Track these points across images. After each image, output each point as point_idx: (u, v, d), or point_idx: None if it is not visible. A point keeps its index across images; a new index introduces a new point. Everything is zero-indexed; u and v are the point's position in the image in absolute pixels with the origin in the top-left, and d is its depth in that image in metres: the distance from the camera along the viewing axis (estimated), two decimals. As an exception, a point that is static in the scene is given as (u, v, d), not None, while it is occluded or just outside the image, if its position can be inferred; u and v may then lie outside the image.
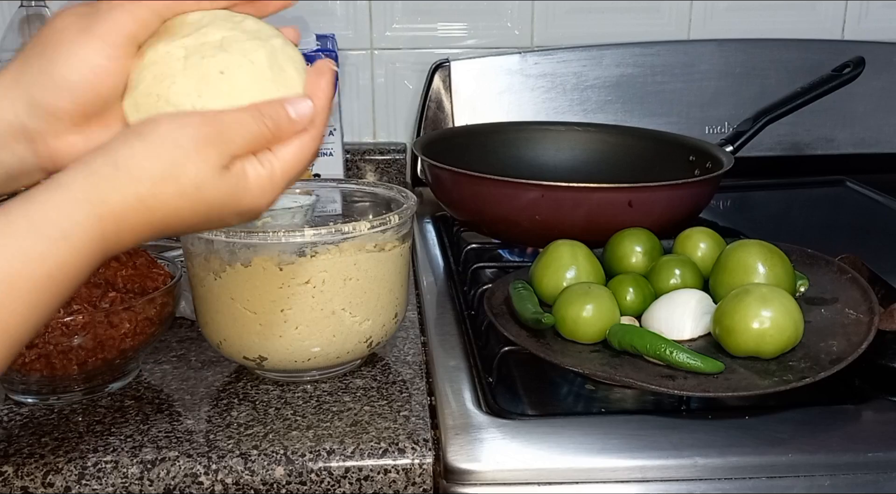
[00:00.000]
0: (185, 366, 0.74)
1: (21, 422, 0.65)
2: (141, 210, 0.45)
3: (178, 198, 0.46)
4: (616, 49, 1.20)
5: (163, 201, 0.46)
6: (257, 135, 0.47)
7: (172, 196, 0.46)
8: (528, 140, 1.13)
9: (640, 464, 0.58)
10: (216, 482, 0.60)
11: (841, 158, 1.24)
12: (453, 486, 0.57)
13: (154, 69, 0.48)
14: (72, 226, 0.43)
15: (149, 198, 0.45)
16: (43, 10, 1.09)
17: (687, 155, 1.04)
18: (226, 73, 0.48)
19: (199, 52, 0.49)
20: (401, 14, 1.23)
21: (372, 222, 0.67)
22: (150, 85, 0.48)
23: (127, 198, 0.45)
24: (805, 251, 0.79)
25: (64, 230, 0.43)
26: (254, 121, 0.47)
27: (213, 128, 0.46)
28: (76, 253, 0.44)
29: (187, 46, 0.49)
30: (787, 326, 0.63)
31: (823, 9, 1.26)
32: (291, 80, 0.51)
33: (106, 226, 0.44)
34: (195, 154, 0.46)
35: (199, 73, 0.48)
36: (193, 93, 0.48)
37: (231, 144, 0.47)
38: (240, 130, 0.47)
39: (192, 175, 0.46)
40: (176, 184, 0.46)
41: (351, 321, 0.68)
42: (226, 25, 0.51)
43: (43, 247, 0.43)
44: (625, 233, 0.80)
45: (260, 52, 0.50)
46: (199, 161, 0.46)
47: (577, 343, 0.69)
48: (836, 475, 0.58)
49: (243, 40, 0.50)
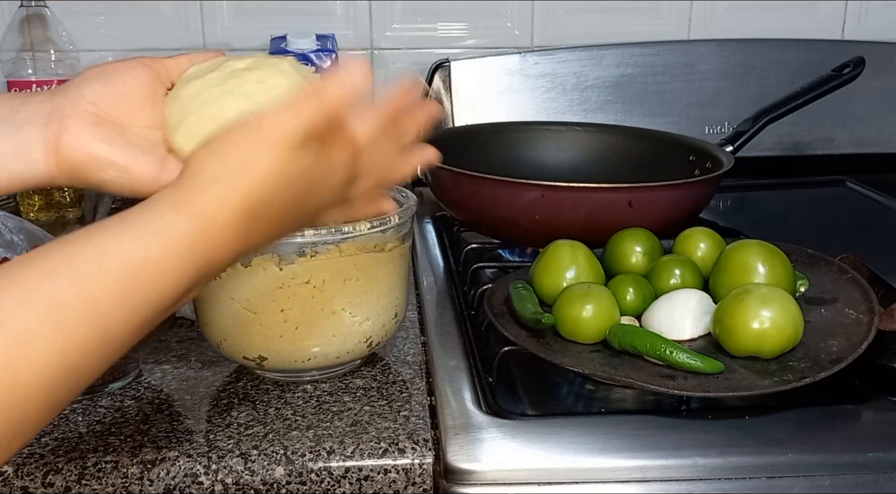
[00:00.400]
0: (185, 366, 0.74)
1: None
2: (227, 206, 0.46)
3: (260, 187, 0.46)
4: (616, 49, 1.20)
5: (247, 193, 0.46)
6: (309, 114, 0.47)
7: (254, 186, 0.46)
8: (528, 140, 1.13)
9: (640, 464, 0.58)
10: (216, 482, 0.60)
11: (841, 158, 1.24)
12: (453, 486, 0.57)
13: (197, 99, 0.52)
14: (164, 225, 0.44)
15: (231, 193, 0.45)
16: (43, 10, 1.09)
17: (687, 155, 1.04)
18: (265, 81, 0.51)
19: (233, 75, 0.52)
20: (401, 14, 1.23)
21: (372, 222, 0.67)
22: (200, 111, 0.51)
23: (212, 198, 0.45)
24: (805, 251, 0.79)
25: (155, 227, 0.44)
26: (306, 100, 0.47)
27: (272, 116, 0.46)
28: (168, 251, 0.44)
29: (218, 76, 0.53)
30: (787, 326, 0.63)
31: (823, 9, 1.26)
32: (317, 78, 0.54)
33: (199, 225, 0.45)
34: (263, 144, 0.46)
35: (241, 88, 0.51)
36: (244, 104, 0.50)
37: (295, 126, 0.46)
38: (298, 111, 0.46)
39: (268, 162, 0.46)
40: (254, 174, 0.46)
41: (351, 321, 0.68)
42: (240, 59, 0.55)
43: (133, 242, 0.43)
44: (625, 233, 0.80)
45: (284, 63, 0.53)
46: (269, 149, 0.46)
47: (577, 343, 0.69)
48: (836, 475, 0.58)
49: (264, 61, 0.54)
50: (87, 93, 0.52)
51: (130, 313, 0.43)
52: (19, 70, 1.09)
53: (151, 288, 0.43)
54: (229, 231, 0.46)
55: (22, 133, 0.51)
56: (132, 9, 1.19)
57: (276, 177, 0.46)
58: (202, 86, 0.52)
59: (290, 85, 0.52)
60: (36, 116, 0.51)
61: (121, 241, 0.43)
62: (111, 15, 1.20)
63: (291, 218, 0.50)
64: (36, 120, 0.51)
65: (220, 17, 1.20)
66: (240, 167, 0.46)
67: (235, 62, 0.54)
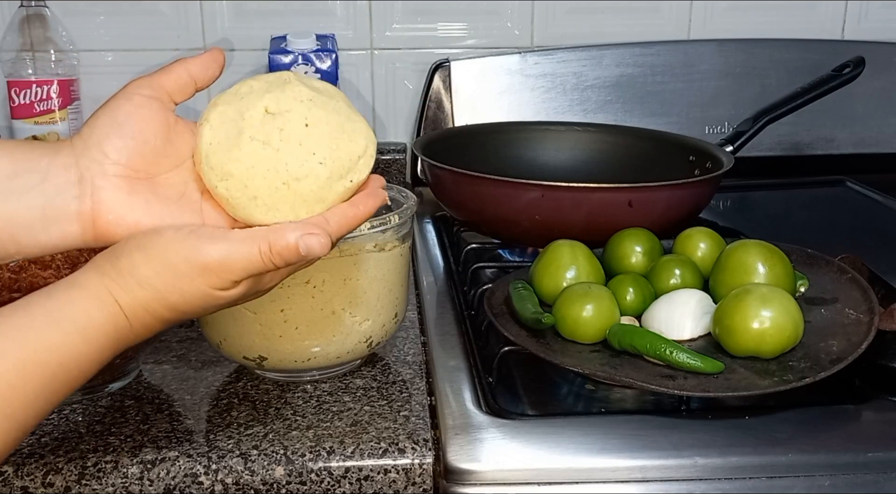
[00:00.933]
0: (185, 366, 0.74)
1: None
2: (149, 310, 0.49)
3: (182, 303, 0.49)
4: (616, 49, 1.20)
5: (169, 305, 0.49)
6: (260, 268, 0.49)
7: (178, 301, 0.49)
8: (528, 140, 1.13)
9: (640, 464, 0.58)
10: (216, 482, 0.60)
11: (841, 158, 1.24)
12: (453, 486, 0.57)
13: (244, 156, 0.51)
14: (87, 321, 0.47)
15: (154, 302, 0.49)
16: (43, 10, 1.09)
17: (687, 155, 1.04)
18: (309, 125, 0.51)
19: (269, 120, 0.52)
20: (401, 14, 1.23)
21: (372, 222, 0.67)
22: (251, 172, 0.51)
23: (135, 300, 0.48)
24: (805, 251, 0.79)
25: (78, 323, 0.46)
26: (261, 258, 0.49)
27: (214, 258, 0.48)
28: (89, 346, 0.47)
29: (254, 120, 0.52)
30: (787, 326, 0.63)
31: (823, 9, 1.26)
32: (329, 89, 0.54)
33: (118, 321, 0.48)
34: (195, 279, 0.49)
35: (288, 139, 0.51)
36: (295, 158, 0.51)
37: (231, 274, 0.49)
38: (244, 264, 0.49)
39: (196, 291, 0.49)
40: (180, 295, 0.49)
41: (351, 321, 0.68)
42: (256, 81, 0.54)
43: (57, 337, 0.46)
44: (625, 233, 0.80)
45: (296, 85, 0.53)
46: (202, 284, 0.49)
47: (577, 343, 0.69)
48: (836, 475, 0.58)
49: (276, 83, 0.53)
50: (111, 152, 0.50)
51: (47, 404, 0.46)
52: (19, 70, 1.09)
53: (70, 380, 0.46)
54: (146, 328, 0.50)
55: (54, 203, 0.49)
56: (132, 9, 1.19)
57: (201, 298, 0.50)
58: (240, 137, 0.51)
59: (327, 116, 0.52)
60: (66, 186, 0.50)
61: (46, 338, 0.45)
62: (111, 15, 1.20)
63: (209, 312, 0.53)
64: (68, 191, 0.50)
65: (220, 17, 1.20)
66: (167, 283, 0.48)
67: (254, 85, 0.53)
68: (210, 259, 0.48)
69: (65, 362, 0.46)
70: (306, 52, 1.07)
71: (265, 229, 0.49)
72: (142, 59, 1.20)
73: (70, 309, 0.47)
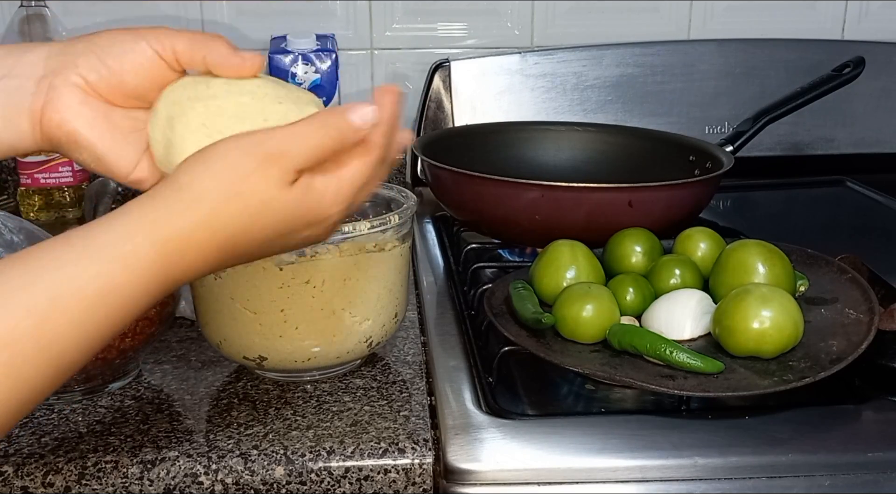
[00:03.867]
0: (185, 366, 0.74)
1: (21, 422, 0.65)
2: (206, 232, 0.44)
3: (243, 217, 0.45)
4: (616, 49, 1.20)
5: (227, 221, 0.45)
6: (321, 146, 0.46)
7: (237, 215, 0.45)
8: (528, 140, 1.13)
9: (640, 464, 0.58)
10: (216, 482, 0.60)
11: (841, 158, 1.24)
12: (453, 486, 0.57)
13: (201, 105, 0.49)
14: (131, 249, 0.42)
15: (213, 220, 0.44)
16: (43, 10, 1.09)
17: (687, 155, 1.04)
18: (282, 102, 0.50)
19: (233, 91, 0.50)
20: (401, 14, 1.22)
21: (372, 222, 0.67)
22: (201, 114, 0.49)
23: (190, 221, 0.44)
24: (805, 251, 0.79)
25: (122, 252, 0.42)
26: (316, 132, 0.46)
27: (274, 144, 0.45)
28: (132, 276, 0.42)
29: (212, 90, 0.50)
30: (787, 326, 0.63)
31: (823, 9, 1.26)
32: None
33: (169, 249, 0.43)
34: (257, 171, 0.45)
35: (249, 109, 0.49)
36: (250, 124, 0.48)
37: (294, 159, 0.45)
38: (302, 144, 0.46)
39: (257, 192, 0.45)
40: (240, 202, 0.45)
41: (351, 321, 0.68)
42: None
43: (97, 267, 0.42)
44: (625, 233, 0.80)
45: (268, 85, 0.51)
46: (262, 178, 0.45)
47: (577, 343, 0.69)
48: (836, 475, 0.58)
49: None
50: (81, 64, 0.49)
51: (88, 339, 0.42)
52: (19, 70, 1.09)
53: (112, 313, 0.42)
54: (201, 257, 0.45)
55: (12, 99, 0.49)
56: (132, 9, 1.19)
57: (262, 203, 0.45)
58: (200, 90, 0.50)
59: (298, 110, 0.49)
60: (26, 82, 0.49)
61: (84, 267, 0.41)
62: (111, 15, 1.19)
63: (268, 247, 0.48)
64: (25, 87, 0.49)
65: (220, 17, 1.20)
66: (228, 189, 0.44)
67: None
68: (270, 145, 0.45)
69: (105, 291, 0.41)
70: (306, 52, 1.07)
71: (318, 113, 0.48)
72: (142, 59, 1.20)
73: (112, 236, 0.42)
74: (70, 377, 0.43)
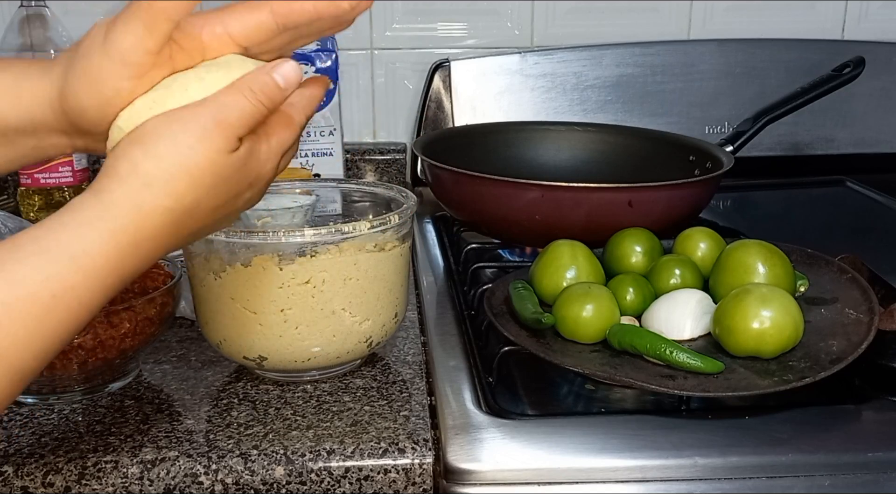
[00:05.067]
0: (185, 366, 0.74)
1: (21, 422, 0.65)
2: (158, 217, 0.44)
3: (195, 191, 0.44)
4: (616, 49, 1.20)
5: (178, 200, 0.44)
6: (253, 112, 0.46)
7: (187, 191, 0.44)
8: (528, 140, 1.13)
9: (640, 464, 0.58)
10: (216, 482, 0.60)
11: (841, 158, 1.24)
12: (453, 486, 0.57)
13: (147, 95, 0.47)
14: (81, 245, 0.42)
15: (162, 202, 0.43)
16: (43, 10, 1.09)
17: (687, 155, 1.04)
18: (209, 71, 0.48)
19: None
20: (401, 14, 1.23)
21: (372, 222, 0.67)
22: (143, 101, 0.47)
23: (140, 210, 0.43)
24: (805, 251, 0.79)
25: (71, 249, 0.41)
26: (246, 99, 0.45)
27: (210, 114, 0.44)
28: (87, 276, 0.42)
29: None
30: (787, 326, 0.63)
31: (823, 9, 1.26)
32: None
33: (122, 244, 0.43)
34: (201, 143, 0.44)
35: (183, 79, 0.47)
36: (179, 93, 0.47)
37: (232, 128, 0.45)
38: (235, 111, 0.45)
39: (203, 164, 0.44)
40: (188, 178, 0.44)
41: (351, 321, 0.68)
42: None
43: (50, 268, 0.41)
44: (625, 233, 0.80)
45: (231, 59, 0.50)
46: (207, 149, 0.44)
47: (577, 343, 0.69)
48: (836, 475, 0.58)
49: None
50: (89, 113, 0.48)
51: (44, 344, 0.41)
52: (19, 70, 1.09)
53: (68, 314, 0.41)
54: (155, 244, 0.44)
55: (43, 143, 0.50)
56: (132, 9, 1.19)
57: (211, 173, 0.44)
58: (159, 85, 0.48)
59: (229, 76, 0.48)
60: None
61: (34, 268, 0.40)
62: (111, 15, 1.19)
63: (217, 216, 0.47)
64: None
65: (220, 17, 1.20)
66: (173, 166, 0.43)
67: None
68: (206, 117, 0.44)
69: (59, 293, 0.40)
70: (306, 52, 1.07)
71: (241, 77, 0.46)
72: (142, 59, 1.20)
73: (61, 235, 0.41)
74: (29, 383, 0.42)
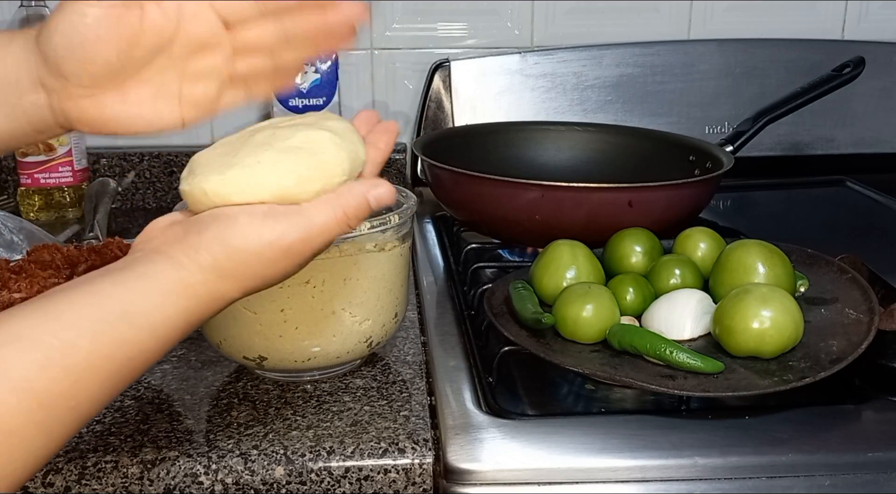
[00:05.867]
0: (185, 366, 0.74)
1: (21, 422, 0.65)
2: (226, 299, 0.49)
3: (261, 285, 0.50)
4: (616, 49, 1.20)
5: (246, 290, 0.49)
6: (338, 235, 0.50)
7: (256, 286, 0.50)
8: (528, 140, 1.13)
9: (640, 464, 0.58)
10: (216, 482, 0.60)
11: (841, 158, 1.24)
12: (453, 486, 0.57)
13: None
14: (161, 318, 0.46)
15: (232, 292, 0.49)
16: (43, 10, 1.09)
17: (687, 155, 1.04)
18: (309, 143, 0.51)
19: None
20: (401, 14, 1.23)
21: (372, 222, 0.67)
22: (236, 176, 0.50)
23: (214, 293, 0.48)
24: (805, 251, 0.79)
25: (152, 319, 0.46)
26: (337, 224, 0.49)
27: (298, 236, 0.48)
28: (158, 341, 0.46)
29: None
30: (787, 326, 0.63)
31: (823, 9, 1.26)
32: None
33: (191, 316, 0.47)
34: (278, 261, 0.49)
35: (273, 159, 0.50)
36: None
37: (313, 249, 0.50)
38: (323, 235, 0.49)
39: (276, 274, 0.49)
40: (260, 281, 0.49)
41: (351, 321, 0.68)
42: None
43: (129, 333, 0.44)
44: (625, 233, 0.80)
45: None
46: (283, 266, 0.49)
47: (577, 343, 0.69)
48: (836, 475, 0.58)
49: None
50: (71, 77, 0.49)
51: (109, 396, 0.45)
52: (19, 70, 1.09)
53: (134, 373, 0.46)
54: (216, 312, 0.49)
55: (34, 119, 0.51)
56: (132, 9, 1.19)
57: (280, 278, 0.50)
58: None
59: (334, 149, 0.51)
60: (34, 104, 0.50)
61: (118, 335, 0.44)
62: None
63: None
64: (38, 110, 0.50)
65: (220, 17, 1.20)
66: (250, 274, 0.49)
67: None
68: (293, 239, 0.48)
69: (133, 356, 0.45)
70: (306, 52, 1.07)
71: (333, 194, 0.50)
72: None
73: (144, 304, 0.45)
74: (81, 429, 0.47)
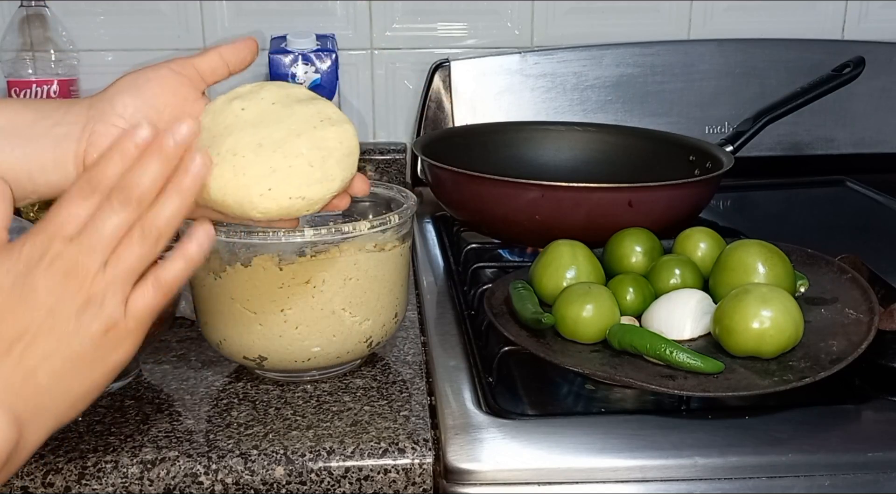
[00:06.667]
0: (185, 366, 0.74)
1: (21, 422, 0.65)
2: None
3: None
4: (616, 49, 1.20)
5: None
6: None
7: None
8: (528, 140, 1.13)
9: (640, 464, 0.58)
10: (216, 482, 0.60)
11: (841, 158, 1.24)
12: (453, 486, 0.57)
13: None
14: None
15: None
16: (43, 10, 1.09)
17: (687, 155, 1.04)
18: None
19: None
20: (401, 14, 1.23)
21: (372, 222, 0.67)
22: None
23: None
24: (805, 251, 0.79)
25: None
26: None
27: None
28: None
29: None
30: (787, 326, 0.63)
31: (823, 9, 1.26)
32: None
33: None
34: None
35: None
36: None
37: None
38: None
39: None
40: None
41: (351, 321, 0.68)
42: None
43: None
44: (625, 233, 0.80)
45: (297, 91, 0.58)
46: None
47: (577, 343, 0.69)
48: (836, 475, 0.58)
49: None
50: (118, 105, 0.54)
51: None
52: (19, 70, 1.09)
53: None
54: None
55: (61, 146, 0.53)
56: (132, 9, 1.19)
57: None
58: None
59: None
60: (73, 130, 0.54)
61: None
62: (111, 15, 1.20)
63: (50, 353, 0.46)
64: (73, 134, 0.54)
65: (220, 17, 1.20)
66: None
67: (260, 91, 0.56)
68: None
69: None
70: (306, 52, 1.07)
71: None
72: (142, 59, 1.20)
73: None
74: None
